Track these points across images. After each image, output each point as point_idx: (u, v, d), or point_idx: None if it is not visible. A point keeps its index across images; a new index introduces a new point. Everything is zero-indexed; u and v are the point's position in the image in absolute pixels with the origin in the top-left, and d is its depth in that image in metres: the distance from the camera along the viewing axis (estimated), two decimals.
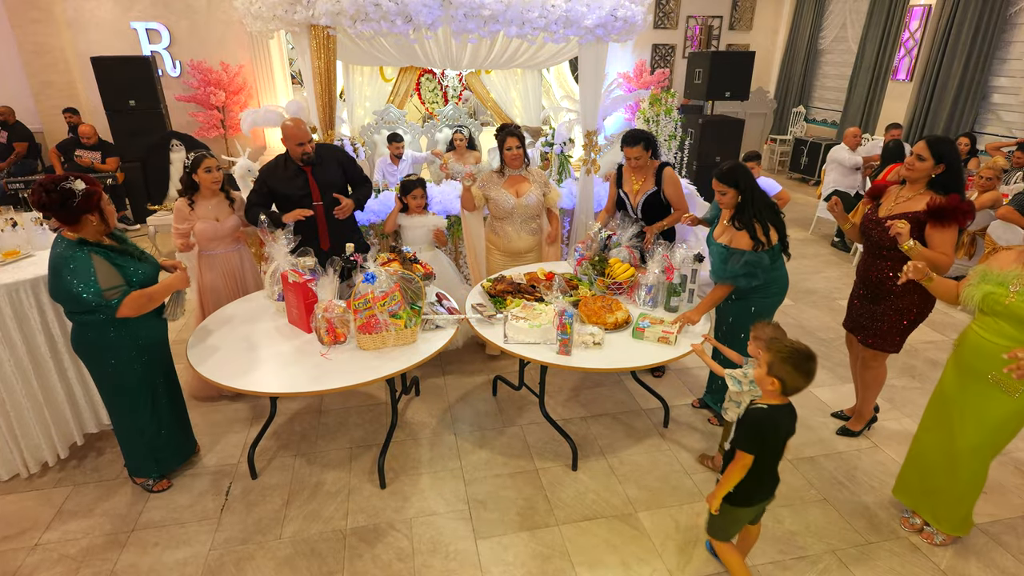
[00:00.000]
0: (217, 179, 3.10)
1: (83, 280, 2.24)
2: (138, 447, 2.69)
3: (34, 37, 7.01)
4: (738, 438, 1.99)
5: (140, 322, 2.47)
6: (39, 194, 2.23)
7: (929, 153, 2.54)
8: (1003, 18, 6.54)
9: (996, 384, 2.16)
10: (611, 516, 2.64)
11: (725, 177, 2.69)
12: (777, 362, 1.92)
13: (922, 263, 2.23)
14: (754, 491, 2.03)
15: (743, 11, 9.73)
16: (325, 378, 2.40)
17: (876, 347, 2.89)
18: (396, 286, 2.60)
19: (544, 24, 3.66)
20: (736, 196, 2.70)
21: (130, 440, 2.69)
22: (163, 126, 6.69)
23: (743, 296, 2.83)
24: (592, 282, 3.17)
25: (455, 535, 2.54)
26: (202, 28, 7.34)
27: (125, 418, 2.63)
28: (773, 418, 1.96)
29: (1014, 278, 2.06)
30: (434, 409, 3.43)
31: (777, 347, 1.93)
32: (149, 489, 2.77)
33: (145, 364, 2.56)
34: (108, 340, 2.43)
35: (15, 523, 2.60)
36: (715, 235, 2.89)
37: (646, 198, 3.44)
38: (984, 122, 6.95)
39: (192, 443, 2.99)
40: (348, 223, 3.47)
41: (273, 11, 3.54)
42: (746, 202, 2.69)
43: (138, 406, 2.60)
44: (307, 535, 2.54)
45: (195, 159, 3.07)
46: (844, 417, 3.30)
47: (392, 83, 6.41)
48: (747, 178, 2.68)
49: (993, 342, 2.13)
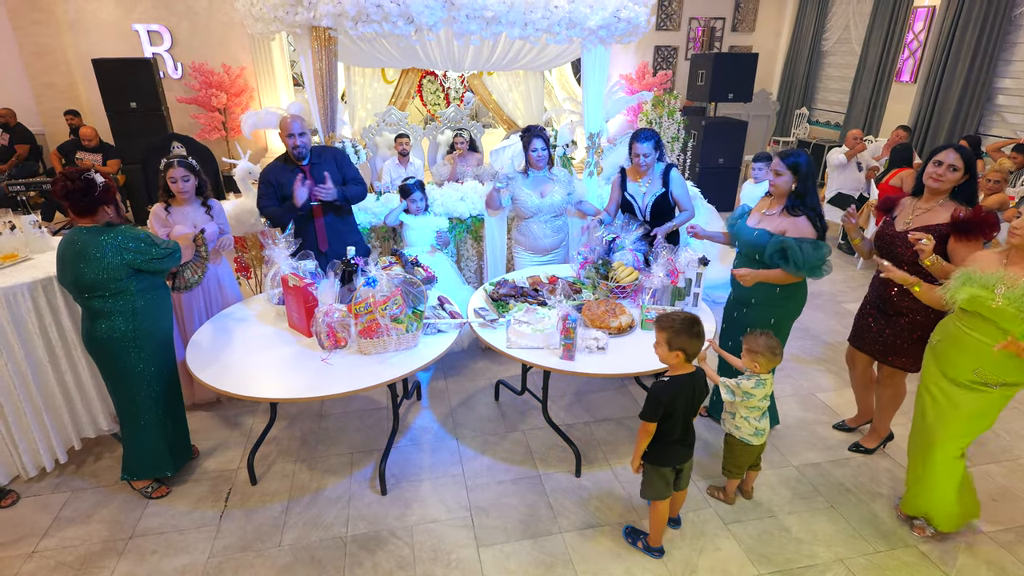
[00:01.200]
0: (182, 190, 3.03)
1: (144, 239, 2.41)
2: (148, 445, 2.67)
3: (35, 39, 7.00)
4: (643, 410, 2.21)
5: (150, 317, 2.53)
6: (63, 183, 2.32)
7: (963, 164, 2.46)
8: (1007, 19, 6.50)
9: (979, 378, 2.20)
10: (615, 523, 2.60)
11: (787, 157, 2.64)
12: (673, 336, 2.13)
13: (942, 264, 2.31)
14: (664, 452, 2.27)
15: (746, 13, 9.70)
16: (326, 383, 2.38)
17: (897, 365, 2.78)
18: (397, 290, 2.58)
19: (547, 25, 3.64)
20: (792, 181, 2.64)
21: (138, 438, 2.66)
22: (164, 128, 6.66)
23: (765, 304, 2.76)
24: (595, 286, 3.14)
25: (457, 543, 2.50)
26: (203, 30, 7.33)
27: (136, 415, 2.63)
28: (670, 389, 2.17)
29: (998, 281, 2.04)
30: (436, 414, 3.40)
31: (667, 323, 2.15)
32: (148, 495, 2.74)
33: (156, 359, 2.60)
34: (122, 332, 2.47)
35: (12, 529, 2.57)
36: (752, 223, 2.80)
37: (655, 199, 3.42)
38: (989, 124, 6.90)
39: (190, 448, 2.97)
40: (347, 225, 3.45)
41: (274, 13, 3.51)
42: (808, 190, 2.63)
43: (150, 401, 2.62)
44: (307, 542, 2.51)
45: (164, 165, 3.04)
46: (846, 428, 3.24)
47: (394, 85, 6.39)
48: (809, 165, 2.63)
49: (976, 339, 2.15)
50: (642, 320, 2.81)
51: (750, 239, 2.74)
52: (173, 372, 2.75)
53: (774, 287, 2.72)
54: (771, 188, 2.76)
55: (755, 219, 2.80)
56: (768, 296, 2.74)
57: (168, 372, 2.70)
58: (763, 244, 2.66)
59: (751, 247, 2.75)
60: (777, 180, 2.68)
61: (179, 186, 3.02)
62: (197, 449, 3.05)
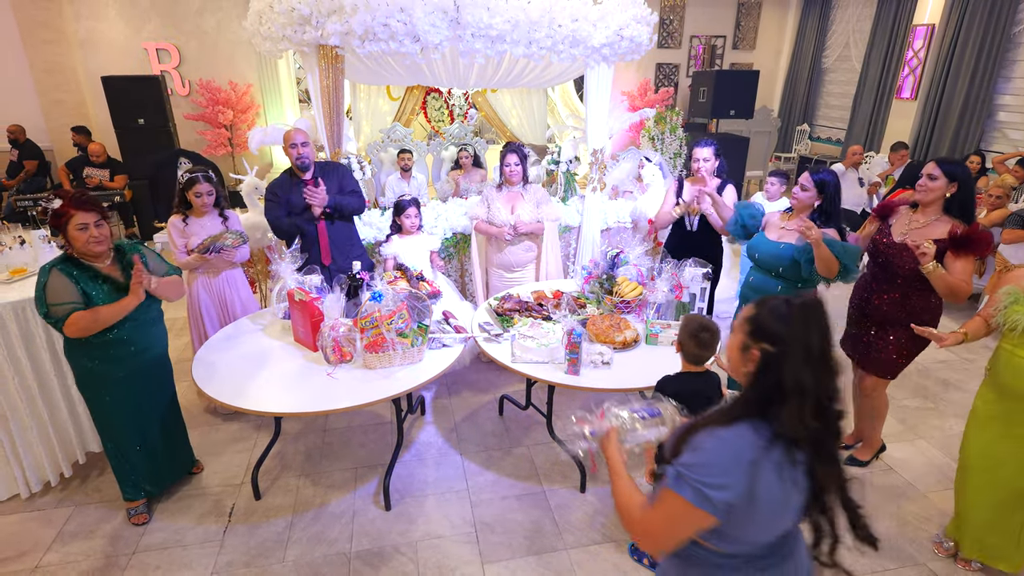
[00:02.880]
0: (205, 203, 3.10)
1: (38, 293, 2.30)
2: (118, 469, 2.65)
3: (46, 57, 7.11)
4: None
5: (104, 359, 2.45)
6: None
7: (941, 172, 2.50)
8: (1007, 37, 6.55)
9: None
10: (621, 540, 2.58)
11: (816, 174, 2.73)
12: (679, 330, 2.18)
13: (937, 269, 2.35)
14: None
15: (746, 31, 9.81)
16: (330, 397, 2.38)
17: (875, 373, 2.81)
18: (403, 304, 2.59)
19: (551, 44, 3.69)
20: (816, 197, 2.73)
21: (112, 462, 2.65)
22: (171, 144, 6.74)
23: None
24: (600, 301, 3.15)
25: (461, 559, 2.49)
26: (211, 48, 7.43)
27: (108, 441, 2.62)
28: (675, 384, 2.13)
29: None
30: (439, 429, 3.39)
31: (682, 319, 2.20)
32: (129, 517, 2.70)
33: (125, 388, 2.53)
34: (85, 363, 2.45)
35: (16, 544, 2.57)
36: (772, 238, 2.84)
37: (703, 213, 3.44)
38: (990, 140, 6.93)
39: (185, 465, 2.96)
40: (350, 239, 3.47)
41: (282, 31, 3.56)
42: (834, 207, 2.72)
43: (118, 430, 2.58)
44: (311, 558, 2.49)
45: (188, 180, 3.08)
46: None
47: (398, 102, 6.46)
48: (836, 184, 2.73)
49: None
50: (647, 335, 2.81)
51: (774, 252, 2.78)
52: (150, 402, 2.66)
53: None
54: (792, 202, 2.82)
55: (774, 233, 2.84)
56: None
57: (138, 404, 2.60)
58: (787, 256, 2.71)
59: (773, 259, 2.78)
60: (801, 195, 2.75)
61: (204, 200, 3.08)
62: (202, 465, 3.04)
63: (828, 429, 1.15)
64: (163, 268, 2.62)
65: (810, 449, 1.14)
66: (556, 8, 3.63)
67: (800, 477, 1.15)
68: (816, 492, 1.17)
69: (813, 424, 1.11)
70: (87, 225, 2.32)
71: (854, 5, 8.80)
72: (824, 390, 1.13)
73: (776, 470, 1.12)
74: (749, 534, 1.19)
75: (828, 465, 1.15)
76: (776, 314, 1.16)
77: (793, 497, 1.16)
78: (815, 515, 1.20)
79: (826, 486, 1.16)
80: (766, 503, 1.13)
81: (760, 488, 1.11)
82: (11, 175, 6.76)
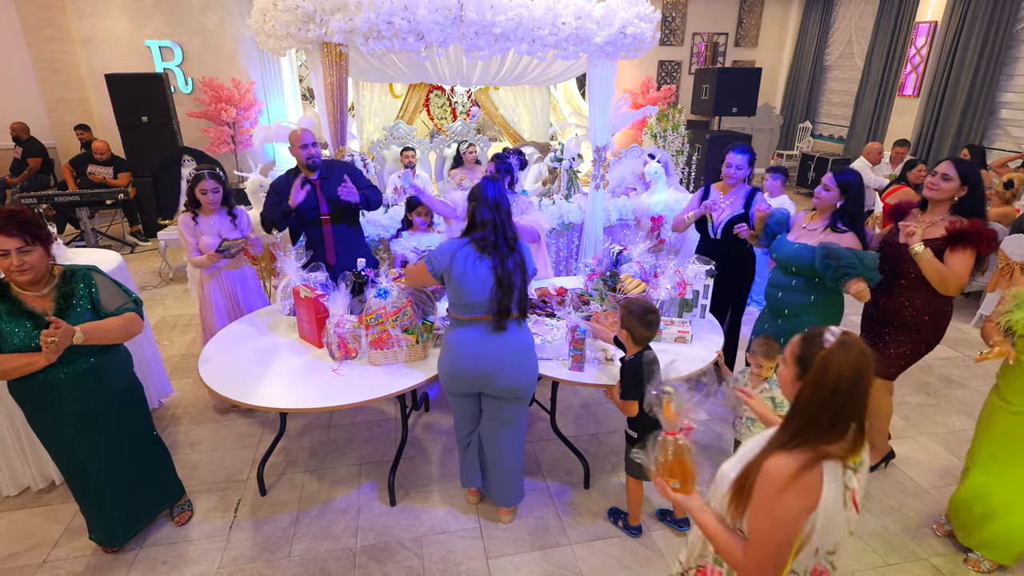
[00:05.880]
0: (212, 201, 3.09)
1: None
2: (86, 512, 2.45)
3: (49, 55, 7.12)
4: (623, 389, 2.31)
5: (38, 391, 2.13)
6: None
7: (955, 173, 2.46)
8: (1010, 34, 6.55)
9: None
10: (624, 535, 2.60)
11: (840, 175, 2.64)
12: (624, 316, 2.27)
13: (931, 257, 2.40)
14: (649, 423, 2.23)
15: (748, 28, 9.81)
16: (336, 394, 2.39)
17: (876, 373, 2.79)
18: (408, 301, 2.60)
19: (554, 41, 3.70)
20: (839, 198, 2.65)
21: (80, 505, 2.44)
22: (174, 142, 6.75)
23: (800, 314, 2.73)
24: (603, 297, 3.15)
25: (466, 554, 2.50)
26: (214, 46, 7.44)
27: (68, 480, 2.38)
28: (640, 362, 2.26)
29: None
30: (444, 425, 3.40)
31: (624, 304, 2.32)
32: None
33: (73, 431, 2.22)
34: (20, 404, 2.20)
35: (23, 539, 2.59)
36: (791, 238, 2.79)
37: (730, 219, 3.27)
38: (993, 137, 6.93)
39: (169, 498, 2.68)
40: (355, 238, 3.48)
41: (286, 29, 3.57)
42: (857, 208, 2.65)
43: (76, 472, 2.33)
44: (316, 553, 2.51)
45: (195, 177, 3.08)
46: None
47: (402, 99, 6.46)
48: (859, 185, 2.65)
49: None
50: None
51: (790, 253, 2.72)
52: (101, 446, 2.30)
53: (808, 295, 2.69)
54: (815, 202, 2.75)
55: (794, 233, 2.80)
56: (802, 305, 2.72)
57: (86, 449, 2.27)
58: (802, 258, 2.65)
59: (790, 260, 2.72)
60: (824, 195, 2.68)
61: (209, 197, 3.08)
62: (191, 512, 2.73)
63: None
64: (118, 301, 2.23)
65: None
66: (559, 6, 3.64)
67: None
68: None
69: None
70: (8, 252, 1.93)
71: (856, 2, 8.79)
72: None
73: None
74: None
75: None
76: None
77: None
78: None
79: None
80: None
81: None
82: (15, 173, 6.78)
